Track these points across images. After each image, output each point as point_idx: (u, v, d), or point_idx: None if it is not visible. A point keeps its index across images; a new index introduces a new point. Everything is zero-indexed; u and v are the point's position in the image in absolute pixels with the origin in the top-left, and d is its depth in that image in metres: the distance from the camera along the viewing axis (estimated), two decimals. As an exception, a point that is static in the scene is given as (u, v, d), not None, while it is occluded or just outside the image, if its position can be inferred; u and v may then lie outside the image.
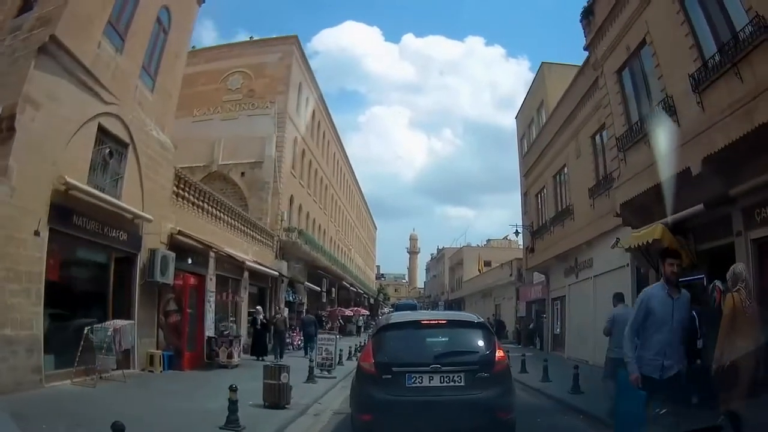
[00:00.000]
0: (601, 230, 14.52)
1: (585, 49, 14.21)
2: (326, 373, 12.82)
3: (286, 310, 23.84)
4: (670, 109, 9.60)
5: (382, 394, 5.53)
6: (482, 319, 6.97)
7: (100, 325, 10.11)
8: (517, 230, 25.06)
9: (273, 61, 27.11)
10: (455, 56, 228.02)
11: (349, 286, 45.15)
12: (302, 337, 21.64)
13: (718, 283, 6.81)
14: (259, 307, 17.21)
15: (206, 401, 7.55)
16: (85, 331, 9.90)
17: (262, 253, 21.27)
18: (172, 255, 12.58)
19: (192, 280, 13.91)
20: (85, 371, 9.89)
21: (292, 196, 27.02)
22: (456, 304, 52.53)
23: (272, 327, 16.03)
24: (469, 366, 5.65)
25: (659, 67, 10.27)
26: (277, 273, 21.59)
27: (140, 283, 12.11)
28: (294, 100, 27.45)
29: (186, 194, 14.75)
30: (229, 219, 17.81)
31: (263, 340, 16.12)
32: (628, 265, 13.10)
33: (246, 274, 19.01)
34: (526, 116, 28.56)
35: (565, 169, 18.47)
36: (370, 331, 29.58)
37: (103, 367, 10.08)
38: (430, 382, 5.57)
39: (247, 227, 19.68)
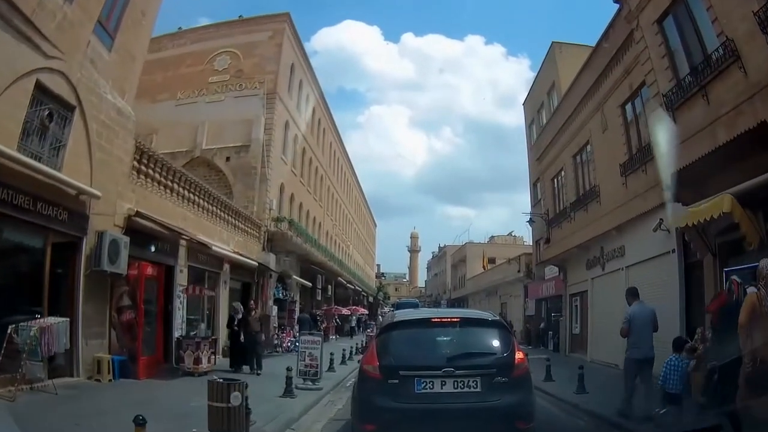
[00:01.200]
0: (637, 212, 12.57)
1: (615, 1, 12.51)
2: (310, 383, 10.60)
3: (275, 308, 21.80)
4: (732, 54, 8.24)
5: (387, 402, 5.08)
6: (497, 317, 6.42)
7: (24, 324, 8.21)
8: (531, 218, 22.87)
9: (263, 40, 25.24)
10: (455, 55, 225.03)
11: (346, 283, 43.10)
12: (293, 338, 19.69)
13: (735, 276, 6.53)
14: (235, 304, 14.27)
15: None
16: (9, 331, 8.05)
17: (247, 244, 19.21)
18: (124, 239, 10.51)
19: (150, 270, 11.74)
20: (10, 380, 7.97)
21: (282, 184, 24.98)
22: (459, 303, 50.72)
23: (244, 327, 12.94)
24: (485, 369, 5.17)
25: (712, 9, 8.91)
26: (257, 264, 19.26)
27: (86, 273, 10.04)
28: (285, 82, 25.52)
29: (150, 171, 12.60)
30: (206, 203, 15.69)
31: (240, 345, 13.03)
32: (673, 251, 11.08)
33: (227, 267, 16.97)
34: (535, 101, 27.31)
35: (588, 146, 16.52)
36: (368, 330, 27.75)
37: (29, 375, 8.26)
38: (442, 388, 5.09)
39: (228, 214, 17.59)
